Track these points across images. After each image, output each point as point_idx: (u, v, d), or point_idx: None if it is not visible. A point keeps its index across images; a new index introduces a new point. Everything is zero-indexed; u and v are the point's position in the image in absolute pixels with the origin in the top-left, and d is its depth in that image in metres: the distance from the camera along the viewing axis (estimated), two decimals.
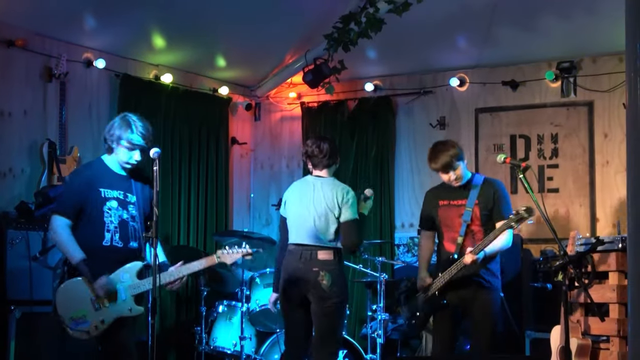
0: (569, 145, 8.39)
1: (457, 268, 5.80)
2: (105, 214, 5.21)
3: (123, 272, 5.20)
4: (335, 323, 5.99)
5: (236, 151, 9.61)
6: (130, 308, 5.19)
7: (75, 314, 5.13)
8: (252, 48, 8.53)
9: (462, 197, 5.99)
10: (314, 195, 6.04)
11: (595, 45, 8.10)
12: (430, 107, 9.02)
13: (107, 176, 5.31)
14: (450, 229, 6.01)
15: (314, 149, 6.11)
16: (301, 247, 5.99)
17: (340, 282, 5.97)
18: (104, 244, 5.20)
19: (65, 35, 7.65)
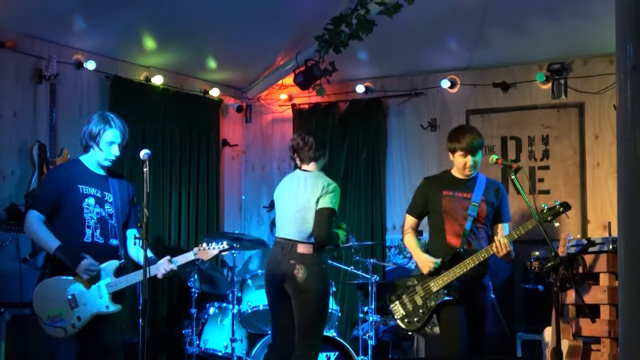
0: (560, 147, 8.40)
1: (477, 259, 5.55)
2: (85, 210, 5.22)
3: (100, 270, 5.21)
4: (313, 316, 6.00)
5: (227, 153, 9.60)
6: (107, 305, 5.18)
7: (52, 312, 5.13)
8: (243, 50, 8.53)
9: (467, 190, 5.79)
10: (297, 189, 6.09)
11: (586, 47, 8.12)
12: (421, 108, 9.02)
13: (84, 174, 5.32)
14: (454, 222, 5.75)
15: (298, 141, 6.15)
16: (283, 241, 6.05)
17: (317, 276, 5.97)
18: (85, 240, 5.21)
19: (55, 37, 7.63)
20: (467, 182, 5.82)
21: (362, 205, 9.04)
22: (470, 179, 5.84)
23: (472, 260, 5.57)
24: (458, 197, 5.78)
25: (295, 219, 6.03)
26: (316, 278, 5.97)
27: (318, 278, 5.99)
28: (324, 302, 6.11)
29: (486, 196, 5.78)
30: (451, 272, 5.61)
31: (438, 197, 5.82)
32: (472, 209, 5.72)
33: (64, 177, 5.30)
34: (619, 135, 3.82)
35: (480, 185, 5.80)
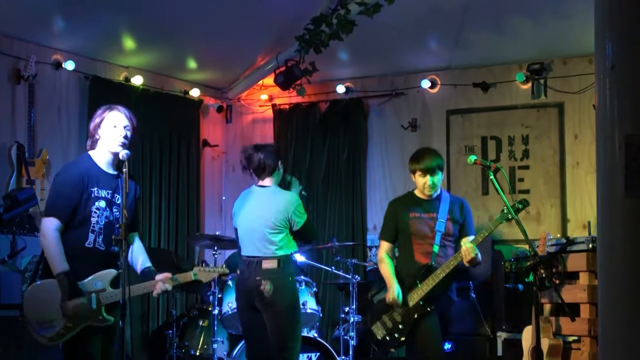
0: (540, 147, 8.43)
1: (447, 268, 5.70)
2: (93, 214, 4.96)
3: (96, 279, 4.94)
4: (285, 328, 6.04)
5: (208, 153, 9.57)
6: (100, 317, 4.93)
7: (43, 317, 4.90)
8: (223, 50, 8.51)
9: (432, 210, 5.93)
10: (259, 208, 6.13)
11: (566, 47, 8.15)
12: (402, 109, 9.02)
13: (97, 174, 5.03)
14: (422, 242, 5.91)
15: (242, 160, 6.24)
16: (249, 259, 6.10)
17: (284, 289, 6.03)
18: (86, 245, 4.94)
19: (33, 37, 7.58)
20: (432, 202, 5.96)
21: (343, 206, 9.04)
22: (434, 199, 5.97)
23: (443, 269, 5.73)
24: (424, 217, 5.94)
25: (259, 236, 6.08)
26: (283, 291, 6.03)
27: (285, 291, 6.05)
28: (294, 314, 6.15)
29: (451, 214, 5.92)
30: (424, 284, 5.77)
31: (406, 219, 5.98)
32: (439, 224, 5.88)
33: (78, 179, 4.98)
34: (598, 135, 3.83)
35: (444, 204, 5.94)
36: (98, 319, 4.93)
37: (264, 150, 6.17)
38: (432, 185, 5.88)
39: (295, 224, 6.12)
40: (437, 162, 5.90)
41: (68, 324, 4.88)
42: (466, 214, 5.99)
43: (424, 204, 5.96)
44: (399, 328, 5.89)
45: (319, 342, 7.27)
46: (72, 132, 7.98)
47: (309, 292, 7.48)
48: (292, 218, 6.10)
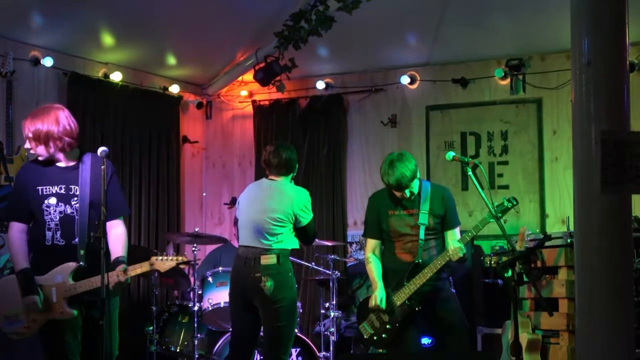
0: (519, 142, 8.47)
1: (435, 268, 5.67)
2: (45, 212, 4.98)
3: (56, 273, 4.95)
4: (284, 327, 6.01)
5: (187, 150, 9.56)
6: (61, 311, 4.93)
7: (9, 312, 4.99)
8: (202, 46, 8.49)
9: (412, 206, 5.86)
10: (267, 198, 6.10)
11: (544, 43, 8.18)
12: (382, 105, 9.04)
13: (44, 172, 5.05)
14: (403, 238, 5.86)
15: (270, 158, 6.16)
16: (246, 250, 6.04)
17: (285, 285, 5.98)
18: (45, 244, 4.98)
19: (11, 33, 7.54)
20: (412, 197, 5.86)
21: (323, 202, 9.04)
22: (416, 194, 5.87)
23: (430, 269, 5.70)
24: (404, 214, 5.87)
25: (260, 227, 6.03)
26: (284, 287, 5.97)
27: (286, 287, 5.99)
28: (294, 312, 6.11)
29: (432, 208, 5.84)
30: (412, 284, 5.74)
31: (385, 216, 5.92)
32: (422, 217, 5.80)
33: (22, 181, 5.08)
34: (574, 130, 3.87)
35: (424, 197, 5.85)
36: (59, 312, 4.95)
37: (290, 151, 6.22)
38: (408, 195, 5.80)
39: (300, 219, 6.07)
40: (409, 175, 5.71)
41: (33, 318, 4.95)
42: (448, 205, 5.89)
43: (403, 201, 5.87)
44: (386, 328, 5.88)
45: (299, 338, 7.28)
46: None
47: None
48: (298, 213, 6.04)
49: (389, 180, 5.74)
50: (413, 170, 5.75)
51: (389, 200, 5.93)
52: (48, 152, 5.00)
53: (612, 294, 3.78)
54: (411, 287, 5.73)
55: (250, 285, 5.96)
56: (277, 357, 5.99)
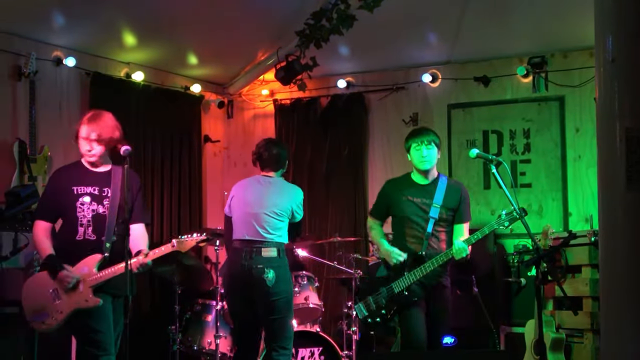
0: (541, 140, 8.43)
1: (436, 263, 5.71)
2: (78, 209, 5.32)
3: (83, 265, 5.27)
4: (282, 319, 6.12)
5: (209, 149, 9.57)
6: (86, 299, 5.23)
7: (37, 306, 5.28)
8: (223, 45, 8.50)
9: (427, 195, 5.90)
10: (265, 193, 6.21)
11: (566, 41, 8.14)
12: (403, 103, 9.02)
13: (80, 174, 5.43)
14: (415, 226, 5.89)
15: (262, 152, 6.33)
16: (245, 244, 6.11)
17: (284, 279, 6.12)
18: (77, 239, 5.31)
19: (34, 34, 7.57)
20: (428, 186, 5.94)
21: (345, 200, 9.04)
22: (431, 183, 5.94)
23: (432, 263, 5.74)
24: (418, 202, 5.90)
25: (262, 220, 6.12)
26: (283, 281, 6.11)
27: (284, 280, 6.13)
28: (291, 302, 6.30)
29: (446, 201, 5.88)
30: (412, 274, 5.79)
31: (399, 202, 5.96)
32: (433, 211, 5.85)
33: (59, 182, 5.44)
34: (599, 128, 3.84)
35: (440, 189, 5.91)
36: (85, 302, 5.24)
37: (280, 146, 6.42)
38: (426, 156, 5.86)
39: (295, 215, 6.25)
40: (431, 136, 5.92)
41: (60, 309, 5.24)
42: (462, 200, 5.93)
43: (420, 188, 5.93)
44: (381, 313, 5.92)
45: (321, 337, 7.28)
46: (73, 128, 7.90)
47: (311, 287, 7.50)
48: (295, 209, 6.24)
49: (412, 135, 5.95)
50: (435, 138, 5.93)
51: (407, 186, 5.99)
52: (102, 154, 5.42)
53: (637, 293, 3.74)
54: (410, 277, 5.78)
55: (250, 277, 6.03)
56: (281, 347, 6.12)
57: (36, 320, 5.28)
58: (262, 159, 6.34)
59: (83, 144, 5.40)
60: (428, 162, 5.89)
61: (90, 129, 5.38)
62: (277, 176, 6.37)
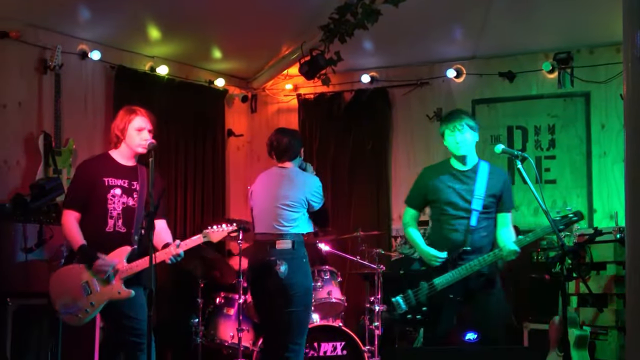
0: (566, 136, 8.39)
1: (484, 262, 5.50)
2: (109, 201, 5.37)
3: (112, 257, 5.30)
4: (296, 313, 5.99)
5: (232, 143, 9.59)
6: (118, 291, 5.27)
7: (66, 299, 5.29)
8: (248, 39, 8.50)
9: (469, 181, 5.68)
10: (277, 185, 6.14)
11: (592, 36, 8.10)
12: (427, 98, 9.00)
13: (111, 167, 5.48)
14: (454, 216, 5.65)
15: (273, 141, 6.27)
16: (263, 237, 6.08)
17: (299, 270, 5.98)
18: (107, 230, 5.36)
19: (59, 27, 7.61)
20: (468, 172, 5.72)
21: (368, 195, 9.03)
22: (471, 169, 5.73)
23: (479, 262, 5.52)
24: (458, 189, 5.68)
25: (274, 214, 6.06)
26: (298, 273, 5.98)
27: (300, 272, 6.00)
28: (309, 296, 6.10)
29: (489, 188, 5.66)
30: (457, 272, 5.57)
31: (438, 189, 5.73)
32: (476, 203, 5.62)
33: (90, 173, 5.46)
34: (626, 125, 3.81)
35: (482, 175, 5.69)
36: (117, 294, 5.29)
37: (290, 135, 6.31)
38: (460, 142, 5.65)
39: (313, 204, 6.10)
40: (464, 119, 5.68)
41: (92, 301, 5.27)
42: (505, 187, 5.70)
43: (460, 174, 5.72)
44: (422, 310, 5.69)
45: (344, 332, 7.28)
46: (97, 121, 8.03)
47: (334, 282, 7.50)
48: (310, 198, 6.06)
49: (445, 118, 5.78)
50: (470, 121, 5.71)
51: (446, 172, 5.77)
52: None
53: None
54: (455, 275, 5.56)
55: (265, 269, 5.99)
56: (292, 343, 5.98)
57: (68, 313, 5.30)
58: (274, 148, 6.26)
59: (142, 134, 5.45)
60: (463, 147, 5.68)
61: (147, 121, 5.47)
62: (294, 165, 6.25)
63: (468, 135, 5.69)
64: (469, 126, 5.69)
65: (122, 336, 5.33)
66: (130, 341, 5.29)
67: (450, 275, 5.58)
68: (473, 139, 5.73)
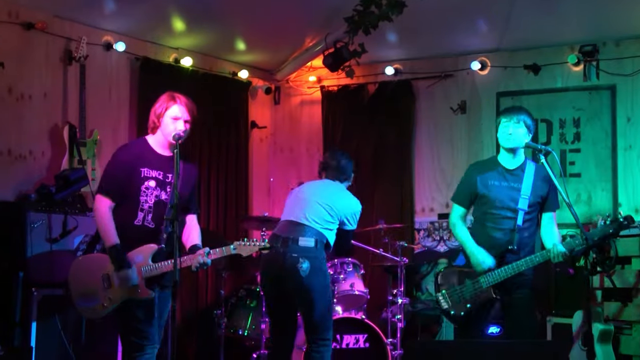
0: (591, 129, 8.33)
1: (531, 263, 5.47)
2: (142, 192, 5.13)
3: (138, 253, 5.10)
4: (319, 312, 6.01)
5: (256, 135, 9.59)
6: (140, 291, 5.06)
7: (84, 290, 5.11)
8: (272, 31, 8.50)
9: (516, 180, 5.64)
10: (330, 192, 6.18)
11: (618, 29, 8.04)
12: (451, 91, 8.96)
13: (148, 156, 5.23)
14: (501, 214, 5.62)
15: (329, 161, 6.32)
16: (286, 227, 6.06)
17: (319, 272, 5.98)
18: (135, 223, 5.11)
19: (85, 18, 7.64)
20: (516, 170, 5.68)
21: (391, 187, 9.02)
22: (518, 167, 5.68)
23: (526, 262, 5.49)
24: (506, 187, 5.64)
25: (312, 207, 6.08)
26: (318, 274, 5.98)
27: (320, 273, 6.01)
28: (328, 294, 6.12)
29: (535, 188, 5.62)
30: (503, 271, 5.54)
31: (485, 186, 5.68)
32: (522, 202, 5.58)
33: (129, 157, 5.19)
34: None
35: (529, 174, 5.63)
36: (138, 292, 5.07)
37: (346, 157, 6.37)
38: (512, 134, 5.60)
39: (346, 224, 6.15)
40: (523, 115, 5.64)
41: (110, 296, 5.06)
42: (552, 185, 5.59)
43: (506, 173, 5.67)
44: (465, 307, 5.67)
45: (366, 324, 7.28)
46: (122, 112, 8.06)
47: (357, 274, 7.50)
48: (347, 217, 6.14)
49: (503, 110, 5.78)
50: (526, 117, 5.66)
51: (493, 169, 5.72)
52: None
53: None
54: (501, 274, 5.53)
55: (285, 266, 5.93)
56: (321, 339, 6.03)
57: (84, 305, 5.11)
58: (327, 168, 6.31)
59: (177, 124, 5.21)
60: (513, 140, 5.62)
61: (185, 111, 5.26)
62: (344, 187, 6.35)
63: (521, 130, 5.63)
64: (526, 124, 5.65)
65: (124, 334, 5.15)
66: (133, 342, 5.09)
67: (497, 274, 5.56)
68: (525, 136, 5.65)
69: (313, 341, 6.06)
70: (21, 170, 7.13)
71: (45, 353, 6.38)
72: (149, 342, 5.13)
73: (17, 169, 7.11)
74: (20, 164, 7.14)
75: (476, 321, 5.71)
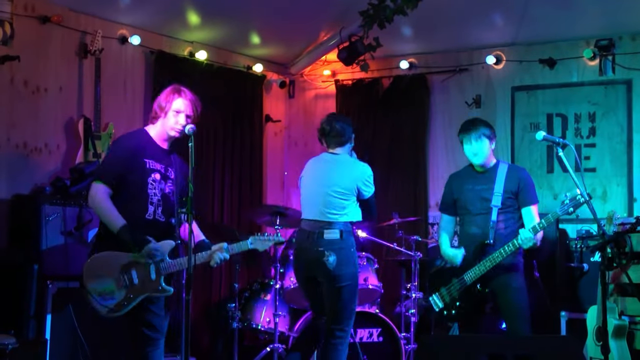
0: (607, 124, 8.29)
1: (504, 253, 5.79)
2: (150, 185, 5.09)
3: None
4: (344, 302, 6.05)
5: (270, 129, 9.60)
6: (159, 287, 5.02)
7: (103, 288, 4.98)
8: (286, 25, 8.50)
9: (488, 181, 6.02)
10: (328, 171, 6.16)
11: (634, 23, 8.00)
12: (466, 85, 8.94)
13: (150, 147, 5.19)
14: (477, 214, 6.02)
15: (325, 126, 6.26)
16: (309, 224, 6.09)
17: (347, 261, 6.01)
18: (146, 217, 5.08)
19: (100, 12, 7.65)
20: (487, 173, 6.06)
21: (405, 182, 9.01)
22: (490, 169, 6.06)
23: (500, 254, 5.80)
24: (478, 189, 6.03)
25: (324, 200, 6.07)
26: (347, 264, 6.02)
27: (349, 264, 6.04)
28: (356, 286, 6.16)
29: (507, 185, 5.96)
30: (482, 265, 5.87)
31: (462, 192, 6.11)
32: (495, 199, 5.94)
33: (131, 148, 5.14)
34: None
35: (501, 174, 6.00)
36: (157, 290, 5.03)
37: (342, 120, 6.34)
38: (477, 153, 6.00)
39: (363, 192, 6.12)
40: (479, 129, 6.00)
41: (129, 295, 4.99)
42: (524, 184, 6.00)
43: (479, 177, 6.08)
44: (455, 305, 6.03)
45: (380, 318, 7.29)
46: (137, 106, 8.07)
47: (371, 268, 7.50)
48: (360, 186, 6.10)
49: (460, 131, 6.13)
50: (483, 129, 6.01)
51: (467, 175, 6.17)
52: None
53: None
54: (481, 268, 5.88)
55: (313, 259, 6.01)
56: (340, 330, 6.06)
57: (102, 304, 4.97)
58: (325, 134, 6.25)
59: (179, 118, 5.15)
60: (478, 157, 6.03)
61: (188, 105, 5.19)
62: (344, 152, 6.25)
63: (484, 143, 6.01)
64: (485, 135, 6.01)
65: (135, 326, 5.08)
66: (146, 335, 5.06)
67: (477, 269, 5.89)
68: (488, 147, 6.04)
69: (330, 332, 6.07)
70: (36, 163, 7.15)
71: (59, 345, 6.42)
72: (161, 335, 5.15)
73: (33, 162, 7.13)
74: (35, 156, 7.16)
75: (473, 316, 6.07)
